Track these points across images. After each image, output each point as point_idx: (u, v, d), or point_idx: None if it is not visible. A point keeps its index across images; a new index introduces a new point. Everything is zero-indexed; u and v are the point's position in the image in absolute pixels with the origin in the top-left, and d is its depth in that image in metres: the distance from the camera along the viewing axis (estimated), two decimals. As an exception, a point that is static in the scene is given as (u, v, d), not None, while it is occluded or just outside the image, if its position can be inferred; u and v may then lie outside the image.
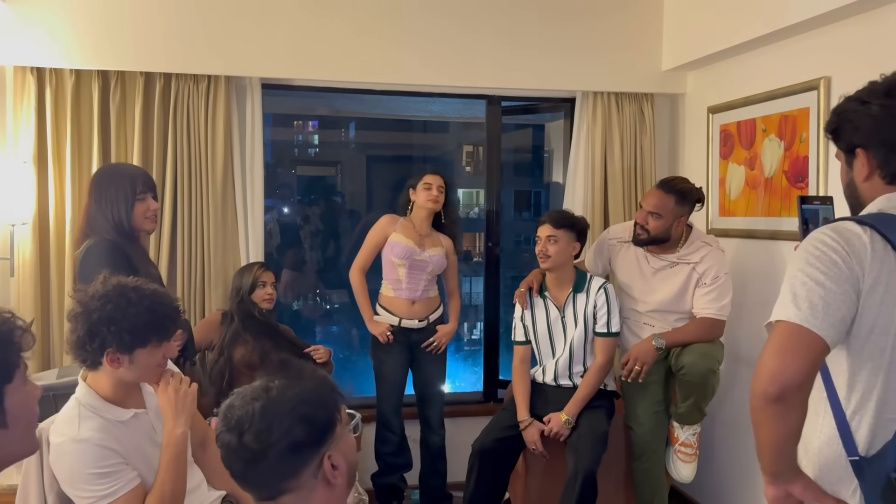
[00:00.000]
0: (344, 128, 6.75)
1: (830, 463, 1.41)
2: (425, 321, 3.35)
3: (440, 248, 3.35)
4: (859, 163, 1.45)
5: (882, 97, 1.40)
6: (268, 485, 1.24)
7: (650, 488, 3.10)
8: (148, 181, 2.63)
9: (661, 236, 3.03)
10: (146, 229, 2.63)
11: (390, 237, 3.32)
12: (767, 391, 1.32)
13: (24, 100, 3.18)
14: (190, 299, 3.37)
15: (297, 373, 1.29)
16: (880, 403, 1.36)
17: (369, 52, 3.51)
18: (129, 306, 1.79)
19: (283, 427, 1.21)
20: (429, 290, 3.37)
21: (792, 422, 1.35)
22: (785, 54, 3.07)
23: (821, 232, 1.39)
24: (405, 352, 3.37)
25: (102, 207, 2.53)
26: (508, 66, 3.64)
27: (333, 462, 1.26)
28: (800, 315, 1.33)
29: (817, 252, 1.36)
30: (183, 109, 3.33)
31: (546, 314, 3.15)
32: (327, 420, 1.26)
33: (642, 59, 3.73)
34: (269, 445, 1.20)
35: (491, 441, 3.08)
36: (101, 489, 1.78)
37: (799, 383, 1.31)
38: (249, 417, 1.22)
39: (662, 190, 3.03)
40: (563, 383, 3.13)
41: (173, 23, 3.30)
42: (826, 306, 1.32)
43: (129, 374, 1.85)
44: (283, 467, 1.22)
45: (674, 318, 3.09)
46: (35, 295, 3.19)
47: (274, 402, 1.23)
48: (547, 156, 5.27)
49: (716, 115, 3.52)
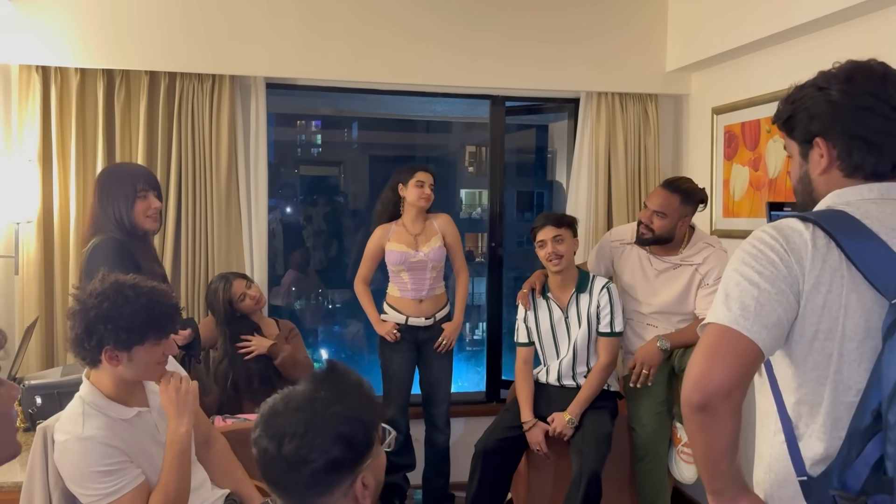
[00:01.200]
0: (347, 128, 6.75)
1: (780, 480, 1.30)
2: (432, 319, 3.35)
3: (436, 239, 3.33)
4: (816, 154, 1.33)
5: (843, 83, 1.29)
6: (299, 496, 1.24)
7: (653, 489, 3.10)
8: (150, 180, 2.64)
9: (666, 236, 3.02)
10: (148, 228, 2.63)
11: (386, 247, 3.33)
12: (691, 399, 1.22)
13: (29, 98, 3.19)
14: (194, 298, 3.37)
15: (343, 385, 1.28)
16: (830, 419, 1.23)
17: (374, 52, 3.51)
18: (125, 304, 1.79)
19: (323, 445, 1.20)
20: (435, 288, 3.37)
21: (722, 433, 1.24)
22: (790, 55, 3.06)
23: (761, 230, 1.29)
24: (412, 350, 3.37)
25: (105, 206, 2.55)
26: (512, 66, 3.64)
27: (365, 482, 1.25)
28: (729, 317, 1.22)
29: (754, 251, 1.26)
30: (187, 109, 3.34)
31: (549, 315, 3.15)
32: (366, 442, 1.25)
33: (646, 60, 3.73)
34: (306, 462, 1.19)
35: (494, 441, 3.08)
36: (105, 487, 1.78)
37: (726, 391, 1.20)
38: (292, 429, 1.21)
39: (668, 189, 3.02)
40: (567, 384, 3.13)
41: (178, 22, 3.30)
42: (759, 307, 1.21)
43: (129, 371, 1.85)
44: (316, 484, 1.22)
45: (677, 319, 3.08)
46: (39, 293, 3.20)
47: (318, 417, 1.21)
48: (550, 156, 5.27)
49: (720, 116, 3.52)
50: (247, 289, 3.16)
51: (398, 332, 3.31)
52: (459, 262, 3.44)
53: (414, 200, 3.29)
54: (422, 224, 3.36)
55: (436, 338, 3.36)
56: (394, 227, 3.36)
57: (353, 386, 1.29)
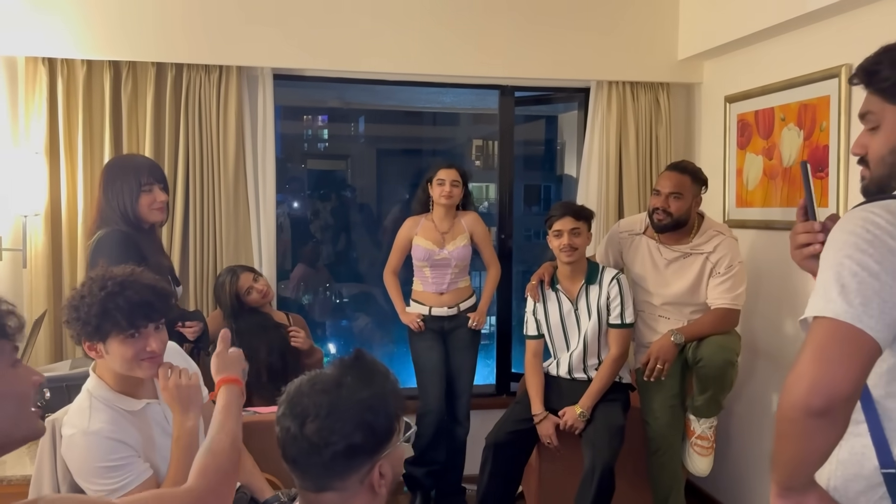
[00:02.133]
0: (353, 121, 6.73)
1: (851, 475, 1.24)
2: (455, 308, 3.36)
3: (462, 238, 3.33)
4: None
5: None
6: (315, 477, 1.25)
7: (666, 482, 3.06)
8: (155, 172, 2.62)
9: (684, 218, 2.99)
10: (153, 220, 2.62)
11: (413, 240, 3.34)
12: (811, 404, 1.09)
13: (35, 91, 3.17)
14: (202, 291, 3.36)
15: (369, 373, 1.29)
16: None
17: (382, 41, 3.48)
18: (88, 295, 1.76)
19: (344, 429, 1.21)
20: (457, 282, 3.37)
21: (832, 439, 1.14)
22: (804, 42, 3.02)
23: (868, 211, 1.14)
24: (438, 339, 3.37)
25: (110, 199, 2.55)
26: (522, 55, 3.60)
27: (382, 471, 1.27)
28: (851, 312, 1.09)
29: (869, 235, 1.11)
30: (195, 100, 3.31)
31: (559, 307, 3.11)
32: (387, 430, 1.26)
33: (658, 48, 3.68)
34: (327, 444, 1.21)
35: (504, 434, 3.06)
36: (111, 483, 1.76)
37: (848, 394, 1.09)
38: (315, 410, 1.22)
39: (677, 171, 3.02)
40: (578, 376, 3.10)
41: (184, 13, 3.28)
42: (882, 304, 1.09)
43: (114, 364, 1.81)
44: (335, 467, 1.23)
45: (689, 310, 3.05)
46: (47, 286, 3.19)
47: (342, 401, 1.23)
48: (559, 148, 5.23)
49: (733, 105, 3.47)
50: (254, 282, 3.14)
51: (422, 322, 3.32)
52: (489, 257, 3.47)
53: (437, 199, 3.30)
54: (450, 222, 3.35)
55: (460, 327, 3.37)
56: (423, 220, 3.37)
57: (379, 375, 1.30)
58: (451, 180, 3.28)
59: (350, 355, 1.31)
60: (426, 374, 3.35)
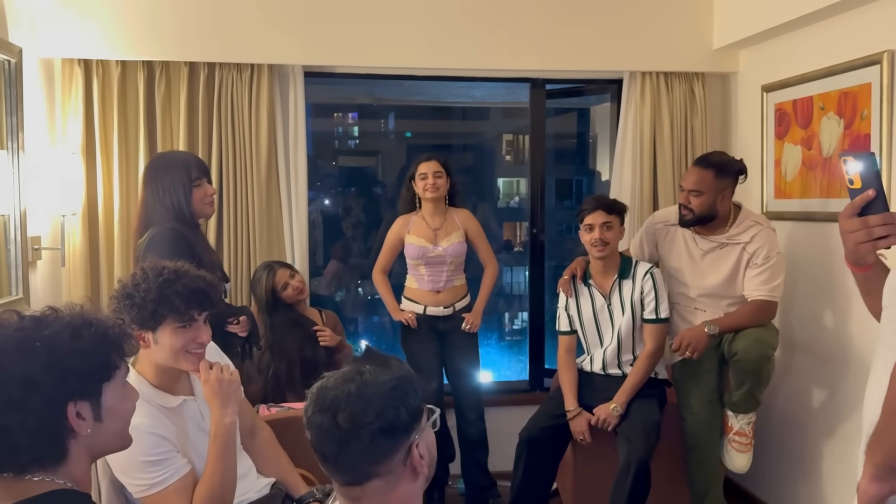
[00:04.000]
0: (383, 118, 6.74)
1: None
2: (451, 308, 3.31)
3: (457, 234, 3.29)
4: None
5: None
6: (357, 467, 1.25)
7: (704, 479, 3.02)
8: (201, 166, 2.64)
9: (707, 213, 2.93)
10: (206, 214, 2.64)
11: (405, 239, 3.30)
12: None
13: (72, 92, 3.23)
14: (236, 288, 3.39)
15: (384, 361, 1.32)
16: None
17: (411, 36, 3.47)
18: (143, 282, 1.80)
19: (377, 408, 1.22)
20: (454, 280, 3.33)
21: None
22: (844, 28, 2.93)
23: None
24: (434, 340, 3.33)
25: (161, 196, 2.52)
26: (553, 47, 3.56)
27: (420, 451, 1.27)
28: None
29: None
30: (227, 98, 3.34)
31: (591, 302, 3.08)
32: (417, 408, 1.29)
33: (692, 37, 3.61)
34: (363, 425, 1.22)
35: (538, 430, 3.03)
36: (151, 477, 1.78)
37: None
38: (344, 398, 1.23)
39: (700, 166, 2.95)
40: (612, 372, 3.06)
41: (216, 13, 3.31)
42: None
43: (159, 355, 1.84)
44: (375, 449, 1.23)
45: (726, 302, 2.99)
46: (85, 284, 3.24)
47: (368, 385, 1.25)
48: (591, 141, 5.18)
49: (770, 94, 3.40)
50: (290, 278, 3.16)
51: (413, 317, 3.28)
52: (486, 254, 3.40)
53: (421, 194, 3.26)
54: (442, 217, 3.31)
55: (456, 328, 3.32)
56: (414, 218, 3.32)
57: (394, 361, 1.34)
58: (433, 172, 3.24)
59: (362, 352, 1.36)
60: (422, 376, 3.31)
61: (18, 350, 1.17)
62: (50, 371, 1.17)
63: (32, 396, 1.15)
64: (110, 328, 1.27)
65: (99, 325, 1.26)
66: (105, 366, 1.25)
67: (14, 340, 1.18)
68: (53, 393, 1.17)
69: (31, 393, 1.15)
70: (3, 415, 1.15)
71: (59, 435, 1.19)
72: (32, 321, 1.21)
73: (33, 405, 1.15)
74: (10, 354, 1.16)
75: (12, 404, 1.15)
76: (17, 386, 1.15)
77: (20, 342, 1.18)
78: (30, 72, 3.04)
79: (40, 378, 1.16)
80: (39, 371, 1.16)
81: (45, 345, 1.18)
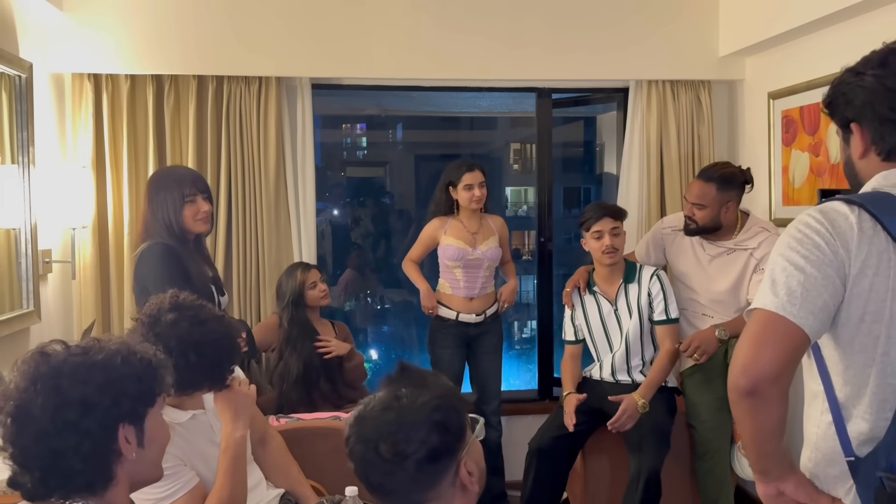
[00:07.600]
0: (391, 128, 6.76)
1: (827, 460, 1.34)
2: (482, 315, 3.32)
3: (493, 238, 3.32)
4: (855, 139, 1.34)
5: (876, 67, 1.29)
6: (407, 497, 1.21)
7: (715, 488, 3.00)
8: (198, 182, 2.63)
9: (711, 225, 2.94)
10: (197, 231, 2.63)
11: (441, 241, 3.30)
12: (739, 384, 1.25)
13: (81, 106, 3.25)
14: (245, 299, 3.40)
15: (420, 378, 1.27)
16: (876, 401, 1.26)
17: (418, 48, 3.49)
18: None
19: (420, 436, 1.18)
20: (486, 287, 3.34)
21: (769, 416, 1.29)
22: (851, 34, 2.93)
23: (806, 214, 1.29)
24: (462, 346, 3.34)
25: (155, 211, 2.56)
26: (558, 56, 3.57)
27: (468, 468, 1.24)
28: (776, 302, 1.23)
29: (799, 235, 1.27)
30: (235, 111, 3.36)
31: (598, 309, 3.07)
32: (460, 426, 1.24)
33: (698, 45, 3.61)
34: (407, 455, 1.18)
35: (548, 440, 3.02)
36: (160, 491, 1.77)
37: (774, 376, 1.23)
38: (385, 427, 1.19)
39: (702, 179, 2.95)
40: (621, 378, 3.05)
41: (223, 26, 3.33)
42: (805, 293, 1.23)
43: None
44: (423, 477, 1.20)
45: (734, 309, 2.98)
46: (95, 297, 3.26)
47: (407, 411, 1.20)
48: (598, 149, 5.18)
49: (777, 101, 3.39)
50: (319, 280, 3.20)
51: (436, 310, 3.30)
52: (507, 256, 3.48)
53: (466, 204, 3.26)
54: (478, 222, 3.33)
55: (486, 334, 3.34)
56: (451, 220, 3.32)
57: (430, 377, 1.28)
58: (478, 183, 3.24)
59: (395, 370, 1.29)
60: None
61: (75, 374, 1.19)
62: (106, 392, 1.20)
63: (89, 418, 1.18)
64: (153, 356, 1.31)
65: (143, 353, 1.30)
66: (150, 391, 1.28)
67: (70, 366, 1.20)
68: (107, 414, 1.20)
69: (87, 414, 1.18)
70: (60, 439, 1.17)
71: (109, 459, 1.22)
72: (80, 349, 1.24)
73: (89, 427, 1.18)
74: (67, 378, 1.19)
75: (69, 427, 1.17)
76: (74, 408, 1.17)
77: (76, 367, 1.20)
78: (40, 86, 3.07)
79: (97, 399, 1.19)
80: (96, 392, 1.19)
81: (101, 368, 1.21)
